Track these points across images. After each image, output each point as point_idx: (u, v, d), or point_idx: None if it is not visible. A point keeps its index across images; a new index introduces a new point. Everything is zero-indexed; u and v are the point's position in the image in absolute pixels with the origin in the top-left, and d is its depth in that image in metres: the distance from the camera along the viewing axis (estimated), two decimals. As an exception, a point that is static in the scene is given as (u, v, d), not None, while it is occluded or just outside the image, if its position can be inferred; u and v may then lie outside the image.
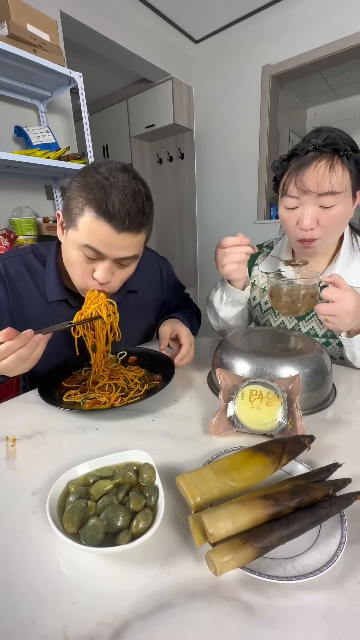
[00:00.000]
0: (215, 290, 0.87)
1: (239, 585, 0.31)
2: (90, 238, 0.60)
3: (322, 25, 2.26)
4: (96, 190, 0.58)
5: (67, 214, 0.63)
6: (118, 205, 0.58)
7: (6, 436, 0.55)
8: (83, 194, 0.59)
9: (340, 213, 0.69)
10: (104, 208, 0.57)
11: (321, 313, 0.61)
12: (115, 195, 0.58)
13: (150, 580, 0.32)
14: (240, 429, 0.53)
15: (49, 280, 0.75)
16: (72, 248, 0.64)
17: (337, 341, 0.81)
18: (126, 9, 2.29)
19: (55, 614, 0.29)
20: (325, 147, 0.65)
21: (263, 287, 0.93)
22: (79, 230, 0.61)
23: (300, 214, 0.70)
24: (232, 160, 2.94)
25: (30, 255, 0.77)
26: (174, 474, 0.42)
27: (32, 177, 1.91)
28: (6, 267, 0.73)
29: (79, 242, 0.61)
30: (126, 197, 0.58)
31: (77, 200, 0.60)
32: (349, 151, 0.65)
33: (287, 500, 0.34)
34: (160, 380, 0.69)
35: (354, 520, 0.37)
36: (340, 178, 0.66)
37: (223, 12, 2.43)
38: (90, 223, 0.59)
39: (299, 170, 0.67)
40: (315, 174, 0.65)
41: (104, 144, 3.50)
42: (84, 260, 0.63)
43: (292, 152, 0.70)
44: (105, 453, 0.43)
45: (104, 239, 0.60)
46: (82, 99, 1.76)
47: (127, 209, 0.58)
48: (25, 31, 1.50)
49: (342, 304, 0.59)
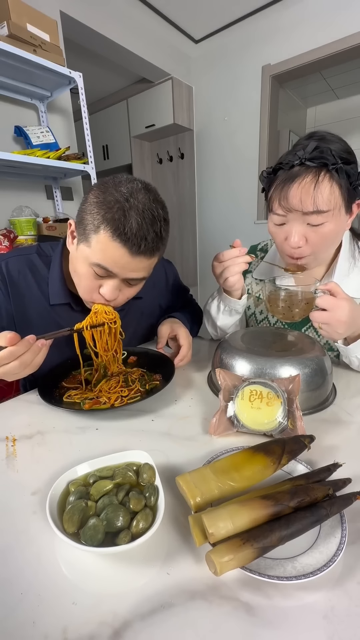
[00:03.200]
0: (212, 300, 0.86)
1: (239, 585, 0.31)
2: (102, 257, 0.59)
3: (322, 25, 2.26)
4: (115, 210, 0.56)
5: (81, 227, 0.61)
6: (135, 229, 0.56)
7: (6, 436, 0.55)
8: (100, 212, 0.57)
9: (330, 230, 0.65)
10: (121, 230, 0.56)
11: (314, 320, 0.60)
12: (134, 218, 0.56)
13: (150, 580, 0.32)
14: (240, 429, 0.53)
15: (52, 283, 0.74)
16: (82, 262, 0.62)
17: (336, 353, 0.80)
18: (126, 9, 2.29)
19: (55, 614, 0.29)
20: (311, 161, 0.60)
21: (257, 295, 0.90)
22: (92, 247, 0.59)
23: (288, 231, 0.67)
24: (232, 160, 2.94)
25: (34, 255, 0.76)
26: (174, 474, 0.42)
27: (32, 177, 1.91)
28: (8, 267, 0.72)
29: (90, 259, 0.60)
30: (145, 220, 0.57)
31: (93, 217, 0.58)
32: (339, 164, 0.59)
33: (287, 500, 0.34)
34: (160, 380, 0.69)
35: (354, 520, 0.37)
36: (327, 196, 0.60)
37: (223, 12, 2.43)
38: (105, 242, 0.57)
39: (283, 187, 0.63)
40: (299, 192, 0.61)
41: (104, 144, 3.49)
42: (92, 275, 0.62)
43: (278, 165, 0.66)
44: (105, 453, 0.43)
45: (117, 260, 0.59)
46: (82, 99, 1.76)
47: (144, 233, 0.57)
48: (25, 31, 1.50)
49: (335, 313, 0.58)
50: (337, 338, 0.62)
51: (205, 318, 0.93)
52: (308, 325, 0.83)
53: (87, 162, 1.82)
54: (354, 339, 0.64)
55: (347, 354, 0.68)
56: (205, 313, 0.91)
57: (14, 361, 0.52)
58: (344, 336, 0.62)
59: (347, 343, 0.66)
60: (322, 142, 0.62)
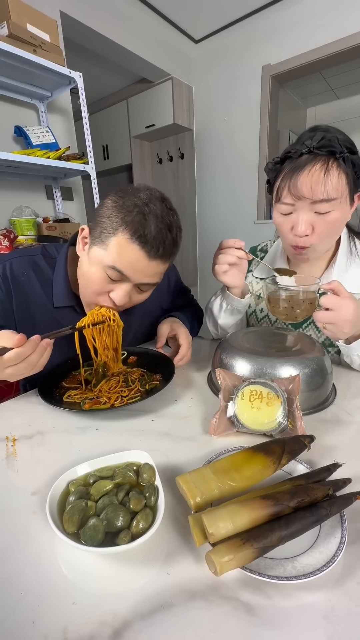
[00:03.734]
0: (215, 298, 0.86)
1: (239, 585, 0.31)
2: (119, 260, 0.60)
3: (322, 25, 2.26)
4: (135, 214, 0.58)
5: (97, 231, 0.62)
6: (154, 233, 0.59)
7: (6, 436, 0.55)
8: (120, 215, 0.58)
9: (336, 219, 0.66)
10: (141, 232, 0.58)
11: (319, 320, 0.59)
12: (153, 222, 0.59)
13: (150, 580, 0.32)
14: (240, 429, 0.53)
15: (56, 285, 0.74)
16: (94, 265, 0.63)
17: (336, 349, 0.80)
18: (126, 9, 2.29)
19: (55, 614, 0.29)
20: (319, 150, 0.62)
21: (258, 294, 0.91)
22: (108, 249, 0.60)
23: (295, 220, 0.68)
24: (232, 160, 2.94)
25: (39, 256, 0.75)
26: (174, 474, 0.42)
27: (32, 177, 1.91)
28: (12, 268, 0.71)
29: (105, 262, 0.61)
30: (163, 225, 0.60)
31: (112, 220, 0.59)
32: (345, 153, 0.61)
33: (287, 500, 0.34)
34: (160, 380, 0.69)
35: (354, 520, 0.37)
36: (335, 183, 0.62)
37: (223, 12, 2.43)
38: (123, 245, 0.59)
39: (293, 175, 0.64)
40: (310, 179, 0.62)
41: (104, 144, 3.49)
42: (105, 280, 0.63)
43: (286, 155, 0.67)
44: (105, 453, 0.43)
45: (134, 263, 0.60)
46: (82, 99, 1.76)
47: (162, 237, 0.60)
48: (25, 31, 1.50)
49: (340, 312, 0.58)
50: (342, 337, 0.62)
51: (206, 316, 0.93)
52: (308, 323, 0.83)
53: (87, 162, 1.82)
54: (355, 338, 0.64)
55: (349, 352, 0.68)
56: (207, 311, 0.91)
57: (22, 362, 0.52)
58: (348, 335, 0.62)
59: (348, 342, 0.66)
60: (327, 133, 0.64)
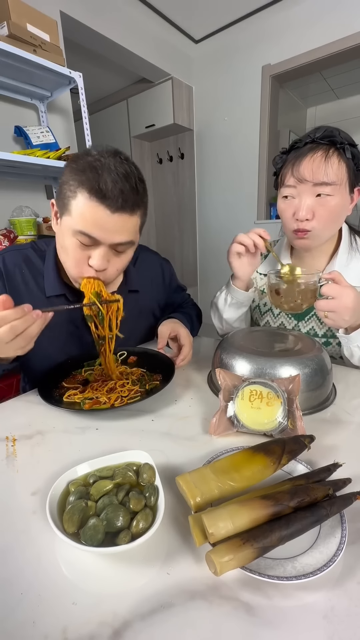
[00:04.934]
0: (220, 293, 0.89)
1: (239, 585, 0.31)
2: (84, 223, 0.59)
3: (322, 25, 2.26)
4: (88, 172, 0.58)
5: (60, 201, 0.62)
6: (110, 185, 0.57)
7: (6, 436, 0.54)
8: (76, 177, 0.58)
9: (336, 204, 0.70)
10: (97, 187, 0.57)
11: (321, 309, 0.62)
12: (107, 175, 0.57)
13: (150, 580, 0.32)
14: (240, 429, 0.53)
15: (47, 274, 0.75)
16: (67, 235, 0.62)
17: (337, 341, 0.81)
18: (126, 9, 2.29)
19: (55, 614, 0.29)
20: (322, 139, 0.68)
21: (262, 289, 0.93)
22: (72, 215, 0.60)
23: (297, 205, 0.72)
24: (232, 160, 2.94)
25: (29, 249, 0.77)
26: (174, 474, 0.42)
27: (32, 177, 1.91)
28: (5, 262, 0.73)
29: (73, 227, 0.60)
30: (119, 176, 0.58)
31: (69, 185, 0.59)
32: (346, 144, 0.67)
33: (287, 500, 0.34)
34: (160, 380, 0.69)
35: (354, 520, 0.37)
36: (336, 169, 0.67)
37: (223, 12, 2.43)
38: (84, 205, 0.58)
39: (296, 161, 0.70)
40: (311, 164, 0.68)
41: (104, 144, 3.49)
42: (79, 246, 0.62)
43: (291, 146, 0.74)
44: (105, 453, 0.43)
45: (98, 222, 0.59)
46: (82, 99, 1.76)
47: (120, 187, 0.58)
48: (25, 31, 1.50)
49: (341, 300, 0.60)
50: (343, 325, 0.64)
51: (211, 312, 0.95)
52: (310, 315, 0.84)
53: (87, 162, 1.82)
54: (354, 328, 0.66)
55: (349, 343, 0.69)
56: (212, 306, 0.93)
57: (5, 326, 0.50)
58: (349, 323, 0.64)
59: (347, 333, 0.67)
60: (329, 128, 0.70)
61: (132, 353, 0.82)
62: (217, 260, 3.19)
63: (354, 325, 0.66)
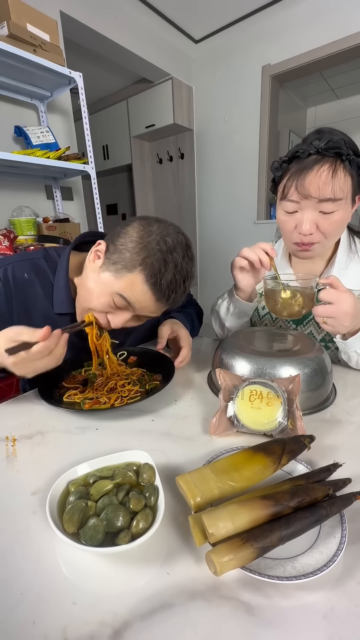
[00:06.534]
0: (222, 301, 0.87)
1: (239, 585, 0.31)
2: (129, 294, 0.61)
3: (322, 25, 2.26)
4: (156, 259, 0.59)
5: (115, 256, 0.61)
6: (169, 282, 0.60)
7: (6, 436, 0.54)
8: (141, 254, 0.59)
9: (340, 219, 0.68)
10: (157, 279, 0.59)
11: (319, 315, 0.60)
12: (171, 272, 0.60)
13: (150, 580, 0.32)
14: (240, 429, 0.53)
15: (57, 290, 0.73)
16: (101, 288, 0.63)
17: (336, 345, 0.81)
18: (126, 9, 2.29)
19: (55, 614, 0.29)
20: (327, 151, 0.63)
21: (260, 292, 0.91)
22: (122, 279, 0.60)
23: (299, 219, 0.69)
24: (232, 160, 2.94)
25: (42, 259, 0.74)
26: (174, 474, 0.42)
27: (32, 177, 1.91)
28: (14, 272, 0.70)
29: (114, 289, 0.61)
30: (180, 277, 0.61)
31: (132, 254, 0.60)
32: (352, 156, 0.64)
33: (287, 500, 0.34)
34: (160, 380, 0.69)
35: (354, 520, 0.37)
36: (342, 184, 0.64)
37: (223, 12, 2.43)
38: (137, 283, 0.60)
39: (300, 174, 0.65)
40: (317, 179, 0.64)
41: (104, 144, 3.50)
42: (109, 304, 0.63)
43: (293, 154, 0.68)
44: (105, 453, 0.43)
45: (142, 302, 0.62)
46: (82, 99, 1.76)
47: (174, 288, 0.61)
48: (25, 31, 1.50)
49: (340, 305, 0.59)
50: (342, 331, 0.63)
51: (212, 318, 0.93)
52: (308, 320, 0.83)
53: (87, 162, 1.82)
54: (352, 333, 0.65)
55: (346, 348, 0.68)
56: (213, 313, 0.92)
57: (47, 356, 0.53)
58: (349, 329, 0.62)
59: (345, 338, 0.66)
60: (333, 135, 0.66)
61: (132, 353, 0.82)
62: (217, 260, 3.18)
63: (352, 330, 0.64)
